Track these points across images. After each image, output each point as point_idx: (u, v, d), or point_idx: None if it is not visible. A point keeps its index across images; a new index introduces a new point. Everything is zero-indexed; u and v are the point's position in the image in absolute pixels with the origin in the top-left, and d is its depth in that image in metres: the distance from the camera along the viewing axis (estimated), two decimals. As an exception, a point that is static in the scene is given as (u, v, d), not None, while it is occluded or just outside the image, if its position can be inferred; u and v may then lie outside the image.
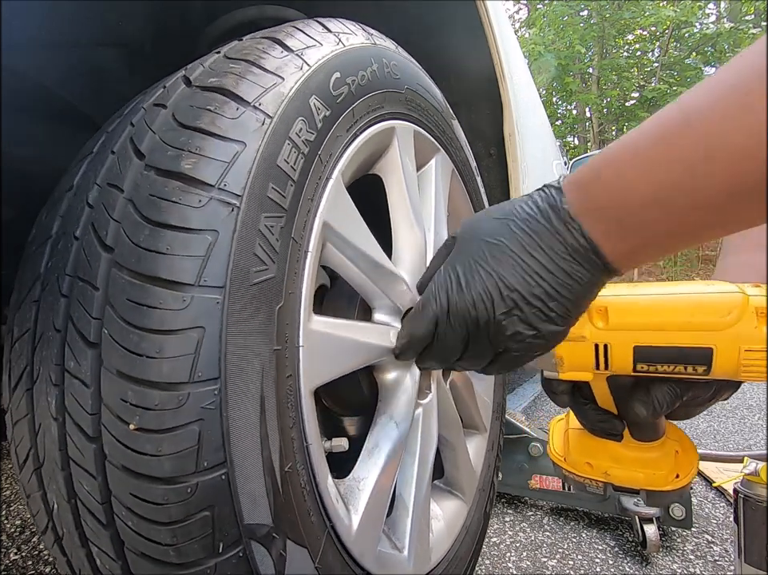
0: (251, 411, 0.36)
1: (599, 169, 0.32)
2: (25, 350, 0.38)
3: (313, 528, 0.42)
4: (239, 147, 0.37)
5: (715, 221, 0.27)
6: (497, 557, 0.91)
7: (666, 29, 9.43)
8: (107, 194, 0.37)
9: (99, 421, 0.33)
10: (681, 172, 0.26)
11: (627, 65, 9.66)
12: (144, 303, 0.32)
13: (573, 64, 10.02)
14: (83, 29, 0.65)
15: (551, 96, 11.03)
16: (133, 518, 0.33)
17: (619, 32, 9.92)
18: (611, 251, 0.32)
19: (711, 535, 0.98)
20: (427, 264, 0.68)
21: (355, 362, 0.50)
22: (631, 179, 0.29)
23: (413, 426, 0.60)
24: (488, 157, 1.06)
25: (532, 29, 10.43)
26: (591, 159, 0.33)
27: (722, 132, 0.24)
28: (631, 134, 0.31)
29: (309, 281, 0.43)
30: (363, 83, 0.53)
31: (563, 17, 9.58)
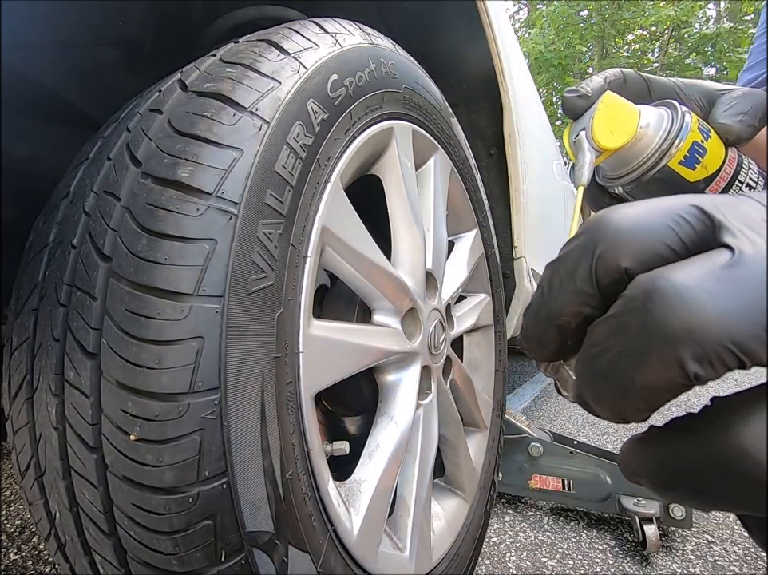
0: (251, 419, 0.36)
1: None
2: (24, 359, 0.38)
3: (314, 532, 0.42)
4: (237, 154, 0.36)
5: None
6: (497, 557, 0.91)
7: (666, 29, 9.39)
8: (104, 202, 0.37)
9: (99, 431, 0.33)
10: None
11: (627, 65, 9.63)
12: (142, 314, 0.32)
13: (573, 64, 9.98)
14: (83, 29, 0.65)
15: (551, 96, 11.00)
16: (135, 528, 0.33)
17: (619, 32, 9.88)
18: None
19: (711, 535, 0.98)
20: (427, 264, 0.69)
21: (355, 365, 0.50)
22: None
23: (414, 427, 0.60)
24: (488, 157, 1.06)
25: (533, 29, 10.38)
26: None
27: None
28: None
29: (308, 287, 0.43)
30: (361, 84, 0.53)
31: (563, 17, 9.54)
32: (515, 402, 1.85)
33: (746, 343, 0.13)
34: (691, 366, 0.13)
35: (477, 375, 0.89)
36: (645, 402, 0.14)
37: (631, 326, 0.14)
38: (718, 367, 0.13)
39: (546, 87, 10.44)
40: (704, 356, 0.13)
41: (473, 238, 0.86)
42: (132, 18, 0.70)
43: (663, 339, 0.13)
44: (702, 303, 0.13)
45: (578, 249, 0.16)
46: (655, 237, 0.15)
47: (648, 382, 0.14)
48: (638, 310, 0.14)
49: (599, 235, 0.16)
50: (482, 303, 0.88)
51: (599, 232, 0.16)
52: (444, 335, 0.69)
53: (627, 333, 0.14)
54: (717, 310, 0.13)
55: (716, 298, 0.13)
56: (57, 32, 0.62)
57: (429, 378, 0.66)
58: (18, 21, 0.54)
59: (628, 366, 0.14)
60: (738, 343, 0.13)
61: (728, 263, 0.13)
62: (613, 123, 0.30)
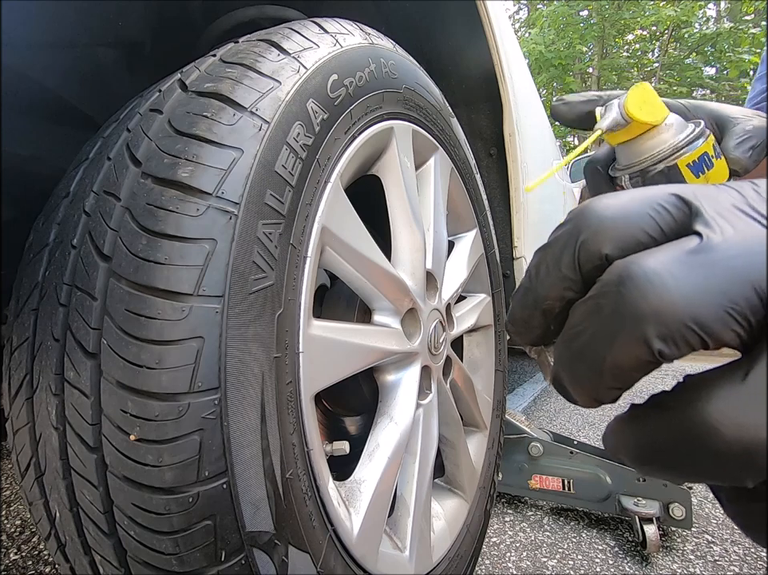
0: (251, 419, 0.36)
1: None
2: (24, 358, 0.38)
3: (315, 533, 0.42)
4: (237, 154, 0.36)
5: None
6: (497, 557, 0.91)
7: (666, 29, 9.40)
8: (104, 202, 0.37)
9: (99, 431, 0.33)
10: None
11: (627, 65, 9.63)
12: (142, 314, 0.32)
13: (573, 64, 9.99)
14: (83, 29, 0.65)
15: (551, 96, 11.01)
16: (135, 528, 0.33)
17: (619, 32, 9.89)
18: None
19: (711, 535, 0.98)
20: (427, 264, 0.69)
21: (355, 365, 0.50)
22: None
23: (414, 427, 0.60)
24: (488, 157, 1.06)
25: (533, 29, 10.38)
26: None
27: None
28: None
29: (308, 287, 0.43)
30: (361, 84, 0.53)
31: (563, 17, 9.54)
32: (515, 402, 1.85)
33: (707, 324, 0.13)
34: (656, 344, 0.14)
35: (477, 375, 0.89)
36: (616, 380, 0.15)
37: (605, 308, 0.15)
38: (681, 346, 0.14)
39: (546, 87, 10.44)
40: (668, 335, 0.14)
41: (472, 238, 0.86)
42: (132, 19, 0.70)
43: (631, 319, 0.14)
44: (668, 285, 0.14)
45: (563, 236, 0.17)
46: (635, 225, 0.16)
47: (618, 360, 0.15)
48: (611, 293, 0.15)
49: (583, 223, 0.17)
50: (482, 303, 0.88)
51: (583, 221, 0.17)
52: (444, 335, 0.69)
53: (601, 314, 0.15)
54: (681, 292, 0.14)
55: (681, 281, 0.14)
56: (57, 32, 0.62)
57: (429, 378, 0.66)
58: (18, 21, 0.54)
59: (600, 345, 0.15)
60: (700, 323, 0.13)
61: (694, 249, 0.14)
62: (645, 104, 0.33)
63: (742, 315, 0.13)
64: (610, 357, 0.15)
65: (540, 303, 0.18)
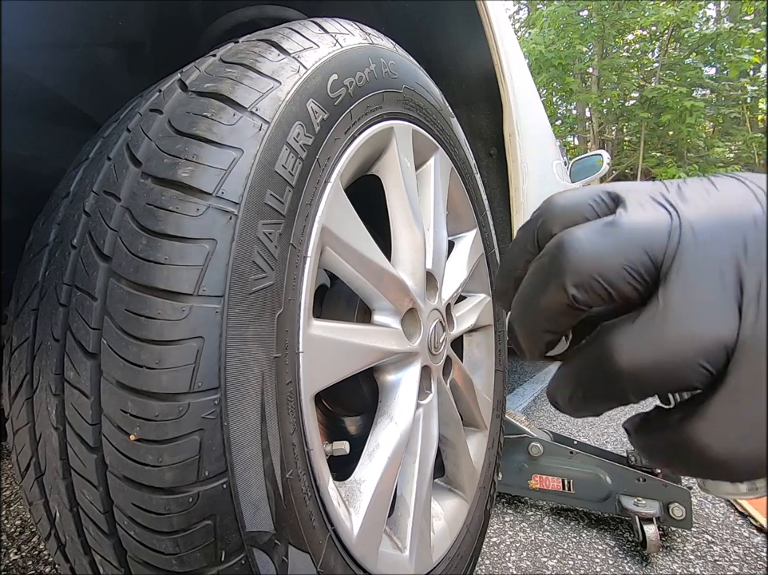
0: (251, 419, 0.36)
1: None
2: (24, 358, 0.38)
3: (315, 533, 0.42)
4: (237, 154, 0.36)
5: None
6: (497, 557, 0.91)
7: (666, 29, 9.39)
8: (104, 202, 0.37)
9: (99, 431, 0.33)
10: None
11: (627, 65, 9.62)
12: (142, 314, 0.32)
13: (573, 64, 9.98)
14: (83, 29, 0.65)
15: (551, 96, 11.00)
16: (135, 528, 0.33)
17: (619, 32, 9.88)
18: None
19: (711, 535, 0.98)
20: (427, 264, 0.69)
21: (355, 365, 0.50)
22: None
23: (414, 427, 0.60)
24: (488, 157, 1.06)
25: (533, 30, 10.37)
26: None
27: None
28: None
29: (308, 287, 0.43)
30: (361, 84, 0.53)
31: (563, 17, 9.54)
32: (515, 402, 1.85)
33: (608, 276, 0.18)
34: (571, 290, 0.18)
35: (477, 375, 0.89)
36: (548, 322, 0.20)
37: (543, 265, 0.20)
38: (590, 293, 0.18)
39: (546, 87, 10.44)
40: (580, 283, 0.18)
41: (472, 238, 0.86)
42: (132, 18, 0.70)
43: (557, 271, 0.19)
44: (584, 247, 0.18)
45: (531, 219, 0.22)
46: (577, 211, 0.20)
47: (547, 303, 0.19)
48: (548, 254, 0.20)
49: (543, 210, 0.22)
50: (482, 303, 0.88)
51: (544, 208, 0.22)
52: (444, 335, 0.69)
53: (540, 270, 0.20)
54: (592, 252, 0.18)
55: (593, 244, 0.18)
56: (57, 32, 0.62)
57: (429, 378, 0.66)
58: (18, 21, 0.54)
59: (537, 292, 0.20)
60: (603, 275, 0.18)
61: (608, 222, 0.19)
62: None
63: (637, 272, 0.17)
64: (543, 301, 0.19)
65: (513, 272, 0.23)
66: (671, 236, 0.17)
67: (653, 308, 0.17)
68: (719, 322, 0.16)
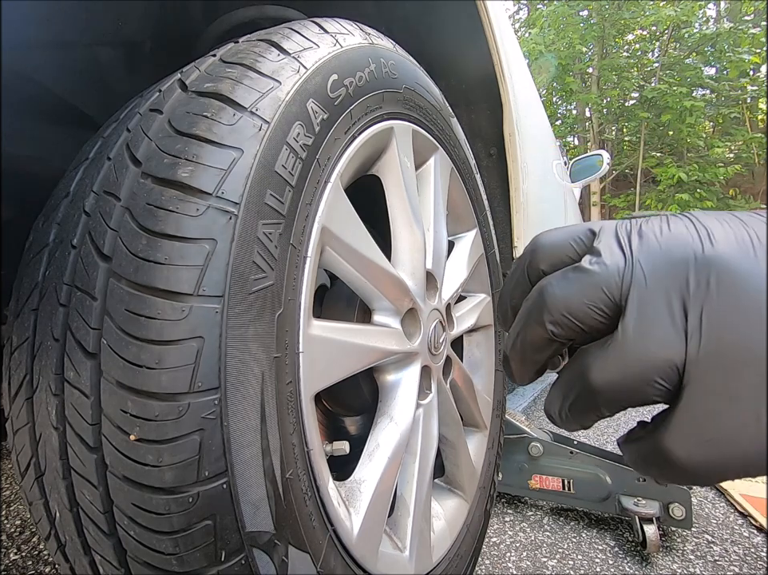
0: (251, 419, 0.35)
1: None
2: (24, 358, 0.38)
3: (315, 533, 0.42)
4: (237, 154, 0.36)
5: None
6: (497, 557, 0.91)
7: (666, 29, 9.39)
8: (104, 202, 0.37)
9: (99, 431, 0.33)
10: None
11: (627, 65, 9.62)
12: (142, 314, 0.32)
13: (573, 64, 9.98)
14: (83, 29, 0.65)
15: (551, 96, 11.00)
16: (135, 528, 0.33)
17: (619, 32, 9.88)
18: None
19: (711, 535, 0.98)
20: (427, 264, 0.69)
21: (355, 365, 0.50)
22: None
23: (414, 427, 0.60)
24: (488, 157, 1.06)
25: (533, 30, 10.37)
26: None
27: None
28: None
29: (308, 287, 0.43)
30: (361, 84, 0.53)
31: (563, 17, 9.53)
32: (515, 402, 1.85)
33: (575, 313, 0.21)
34: (548, 326, 0.22)
35: (477, 375, 0.89)
36: (535, 352, 0.24)
37: (530, 306, 0.23)
38: (564, 328, 0.22)
39: (546, 87, 10.44)
40: (555, 321, 0.22)
41: (472, 238, 0.86)
42: (132, 18, 0.70)
43: (538, 312, 0.23)
44: (556, 291, 0.22)
45: (522, 256, 0.26)
46: (561, 251, 0.24)
47: (532, 337, 0.23)
48: (533, 297, 0.23)
49: (532, 248, 0.25)
50: (482, 303, 0.88)
51: (533, 247, 0.25)
52: (444, 335, 0.69)
53: (527, 310, 0.24)
54: (562, 295, 0.22)
55: (563, 288, 0.22)
56: (57, 32, 0.62)
57: (429, 378, 0.66)
58: (18, 21, 0.54)
59: (524, 328, 0.24)
60: (571, 312, 0.21)
61: (574, 268, 0.22)
62: None
63: (598, 308, 0.21)
64: (529, 335, 0.23)
65: (509, 302, 0.26)
66: (624, 277, 0.21)
67: (616, 335, 0.21)
68: (668, 346, 0.19)
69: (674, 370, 0.19)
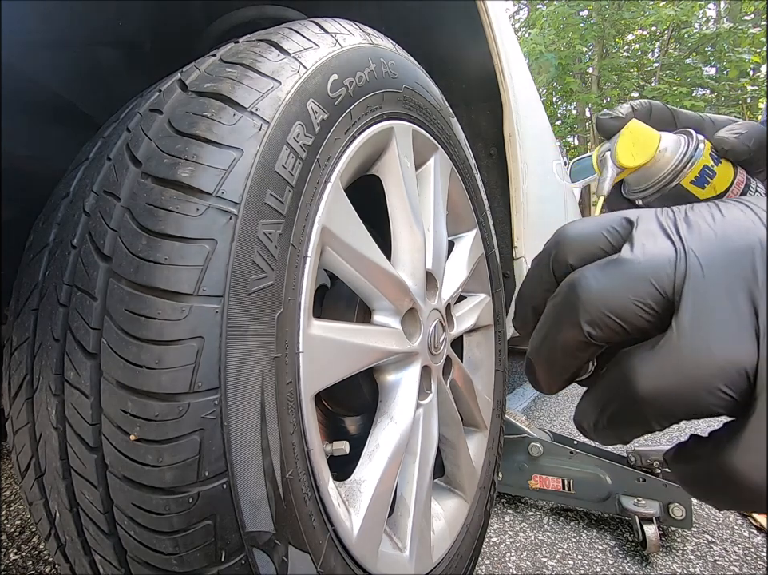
0: (251, 419, 0.35)
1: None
2: (24, 358, 0.38)
3: (315, 533, 0.42)
4: (237, 154, 0.36)
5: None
6: (497, 557, 0.91)
7: (666, 29, 9.39)
8: (104, 202, 0.37)
9: (99, 431, 0.33)
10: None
11: (627, 65, 9.62)
12: (142, 314, 0.32)
13: (573, 64, 9.99)
14: (83, 29, 0.65)
15: (551, 96, 11.00)
16: (135, 528, 0.33)
17: (619, 32, 9.89)
18: None
19: (711, 535, 0.98)
20: (427, 264, 0.69)
21: (355, 365, 0.50)
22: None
23: (414, 427, 0.60)
24: (488, 157, 1.06)
25: (533, 30, 10.37)
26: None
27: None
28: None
29: (308, 287, 0.43)
30: (361, 84, 0.53)
31: (563, 17, 9.53)
32: (515, 402, 1.86)
33: (618, 312, 0.18)
34: (585, 327, 0.19)
35: (477, 375, 0.89)
36: (566, 358, 0.21)
37: (559, 304, 0.20)
38: (604, 329, 0.19)
39: (546, 87, 10.44)
40: (592, 321, 0.19)
41: (473, 238, 0.86)
42: (132, 18, 0.70)
43: (571, 311, 0.20)
44: (592, 286, 0.19)
45: (545, 250, 0.23)
46: (592, 242, 0.21)
47: (564, 340, 0.20)
48: (563, 294, 0.20)
49: (558, 240, 0.22)
50: (482, 303, 0.88)
51: (558, 239, 0.22)
52: (444, 335, 0.69)
53: (556, 309, 0.21)
54: (601, 290, 0.19)
55: (601, 282, 0.19)
56: (57, 32, 0.62)
57: (429, 378, 0.66)
58: (18, 21, 0.54)
59: (555, 330, 0.20)
60: (613, 311, 0.18)
61: (613, 260, 0.19)
62: (634, 146, 0.36)
63: (647, 304, 0.18)
64: (560, 338, 0.20)
65: (530, 301, 0.23)
66: (677, 267, 0.18)
67: (669, 334, 0.18)
68: (735, 345, 0.16)
69: (743, 375, 0.16)
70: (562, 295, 0.20)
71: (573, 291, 0.20)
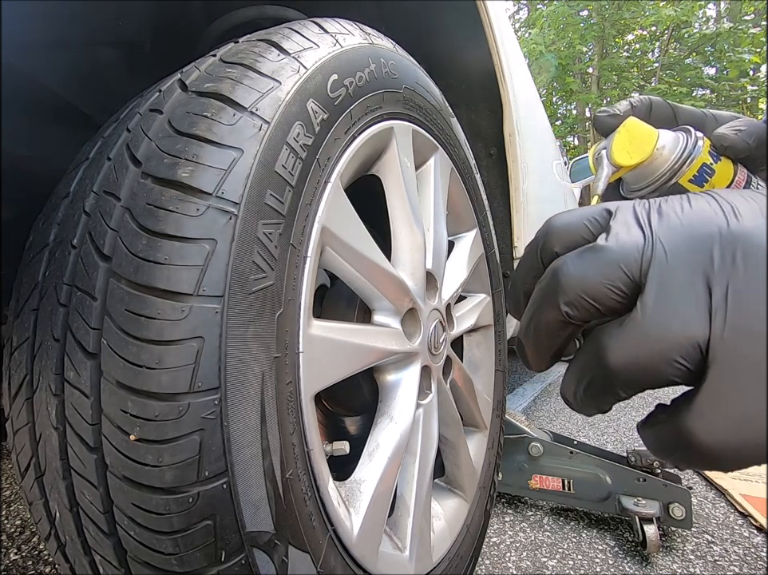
0: (251, 419, 0.35)
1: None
2: (24, 358, 0.38)
3: (315, 533, 0.42)
4: (237, 154, 0.36)
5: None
6: (497, 557, 0.91)
7: (666, 29, 9.40)
8: (104, 202, 0.37)
9: (99, 431, 0.33)
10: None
11: (627, 65, 9.62)
12: (142, 314, 0.32)
13: (573, 64, 9.99)
14: (83, 29, 0.65)
15: (551, 96, 11.01)
16: (135, 528, 0.33)
17: (619, 32, 9.89)
18: None
19: (711, 535, 0.98)
20: (427, 264, 0.69)
21: (356, 365, 0.50)
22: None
23: (414, 427, 0.60)
24: (488, 157, 1.06)
25: (533, 30, 10.37)
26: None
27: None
28: None
29: (308, 287, 0.43)
30: (361, 84, 0.53)
31: (563, 17, 9.53)
32: (515, 402, 1.86)
33: (592, 293, 0.20)
34: (563, 308, 0.21)
35: (477, 375, 0.89)
36: (549, 336, 0.23)
37: (543, 288, 0.23)
38: (580, 309, 0.21)
39: (546, 87, 10.44)
40: (570, 302, 0.21)
41: (473, 238, 0.86)
42: (132, 18, 0.70)
43: (552, 293, 0.22)
44: (571, 271, 0.21)
45: (535, 239, 0.25)
46: (575, 231, 0.23)
47: (546, 319, 0.22)
48: (547, 278, 0.22)
49: (545, 230, 0.24)
50: (482, 303, 0.88)
51: (546, 229, 0.24)
52: (444, 335, 0.69)
53: (541, 292, 0.23)
54: (577, 274, 0.21)
55: (578, 268, 0.21)
56: (57, 32, 0.62)
57: (429, 378, 0.66)
58: (18, 21, 0.54)
59: (539, 311, 0.23)
60: (588, 293, 0.21)
61: (590, 248, 0.21)
62: (631, 144, 0.35)
63: (616, 287, 0.20)
64: (543, 318, 0.22)
65: (521, 286, 0.25)
66: (644, 254, 0.20)
67: (634, 314, 0.20)
68: (691, 322, 0.19)
69: (697, 348, 0.18)
70: (546, 279, 0.22)
71: (555, 276, 0.22)
